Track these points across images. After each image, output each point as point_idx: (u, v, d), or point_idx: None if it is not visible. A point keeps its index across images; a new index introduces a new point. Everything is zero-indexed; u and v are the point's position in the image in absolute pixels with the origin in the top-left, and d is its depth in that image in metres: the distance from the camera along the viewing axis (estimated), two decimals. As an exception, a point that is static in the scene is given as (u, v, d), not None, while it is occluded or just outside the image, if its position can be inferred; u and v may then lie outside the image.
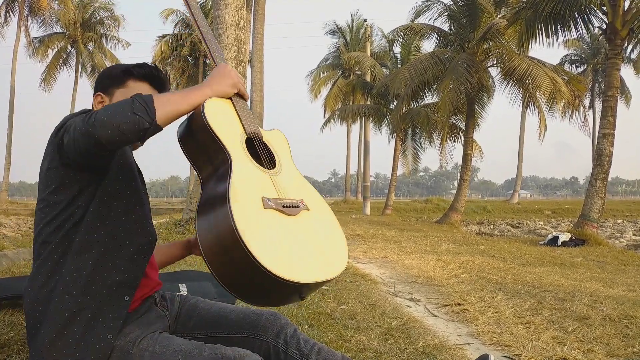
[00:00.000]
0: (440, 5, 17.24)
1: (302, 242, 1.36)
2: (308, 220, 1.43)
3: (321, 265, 1.34)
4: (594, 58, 35.73)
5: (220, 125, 1.42)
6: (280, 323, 1.66)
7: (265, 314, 1.69)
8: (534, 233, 16.71)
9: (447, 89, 15.40)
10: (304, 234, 1.38)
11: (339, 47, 33.85)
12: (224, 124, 1.44)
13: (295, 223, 1.39)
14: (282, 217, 1.37)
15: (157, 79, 1.68)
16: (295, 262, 1.29)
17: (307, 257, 1.33)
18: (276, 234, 1.32)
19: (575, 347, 2.78)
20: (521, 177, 36.87)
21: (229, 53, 7.59)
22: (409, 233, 11.24)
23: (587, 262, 7.32)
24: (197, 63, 33.08)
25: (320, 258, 1.36)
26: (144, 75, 1.65)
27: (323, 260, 1.36)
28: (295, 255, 1.31)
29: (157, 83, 1.68)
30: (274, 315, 1.69)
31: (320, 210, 1.51)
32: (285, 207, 1.39)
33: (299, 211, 1.42)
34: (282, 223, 1.35)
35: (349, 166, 36.96)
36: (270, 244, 1.27)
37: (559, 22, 12.79)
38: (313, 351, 1.63)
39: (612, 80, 12.04)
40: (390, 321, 3.21)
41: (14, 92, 27.86)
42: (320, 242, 1.41)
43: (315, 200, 1.52)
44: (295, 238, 1.35)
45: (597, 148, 12.21)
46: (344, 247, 1.46)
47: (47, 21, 29.19)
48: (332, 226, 1.50)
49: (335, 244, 1.45)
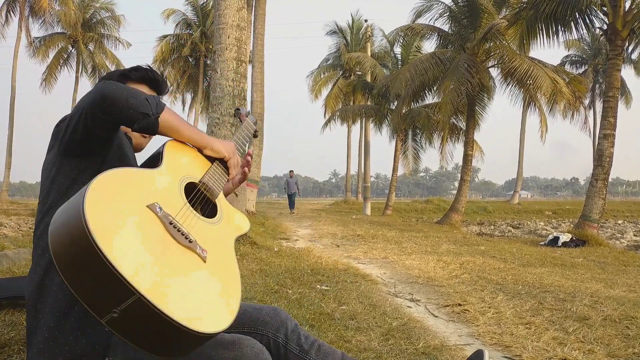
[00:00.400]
0: (441, 6, 17.24)
1: (170, 269, 1.17)
2: (193, 263, 1.24)
3: (177, 302, 1.12)
4: (595, 58, 35.72)
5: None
6: (281, 318, 1.68)
7: (265, 309, 1.70)
8: (534, 234, 16.70)
9: (448, 89, 15.40)
10: (178, 268, 1.19)
11: (340, 47, 33.84)
12: (173, 158, 1.48)
13: (176, 251, 1.22)
14: (164, 233, 1.22)
15: (153, 81, 1.73)
16: (149, 273, 1.12)
17: (165, 279, 1.14)
18: (138, 238, 1.16)
19: (576, 348, 2.78)
20: (522, 178, 36.84)
21: (229, 53, 7.59)
22: (410, 233, 11.24)
23: (587, 263, 7.32)
24: (197, 63, 33.07)
25: (179, 296, 1.14)
26: (141, 78, 1.70)
27: (183, 300, 1.15)
28: (150, 266, 1.14)
29: (154, 84, 1.74)
30: (274, 310, 1.70)
31: (219, 274, 1.29)
32: (172, 225, 1.24)
33: (190, 247, 1.24)
34: (158, 236, 1.21)
35: (349, 166, 36.94)
36: (121, 239, 1.12)
37: (559, 23, 12.80)
38: (313, 347, 1.65)
39: (612, 81, 12.04)
40: (391, 322, 3.21)
41: (15, 93, 27.85)
42: (194, 288, 1.19)
43: (223, 267, 1.32)
44: (163, 259, 1.17)
45: (598, 148, 12.21)
46: (219, 317, 1.19)
47: (47, 21, 29.17)
48: (219, 292, 1.26)
49: (210, 304, 1.21)
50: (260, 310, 1.69)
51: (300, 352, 1.65)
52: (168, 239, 1.23)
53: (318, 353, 1.66)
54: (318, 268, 5.23)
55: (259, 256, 5.80)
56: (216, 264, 1.30)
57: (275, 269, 5.02)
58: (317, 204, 40.02)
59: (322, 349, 1.68)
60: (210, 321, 1.16)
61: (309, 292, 3.91)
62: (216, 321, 1.18)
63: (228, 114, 7.62)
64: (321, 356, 1.66)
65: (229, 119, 7.62)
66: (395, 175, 23.14)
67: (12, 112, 27.76)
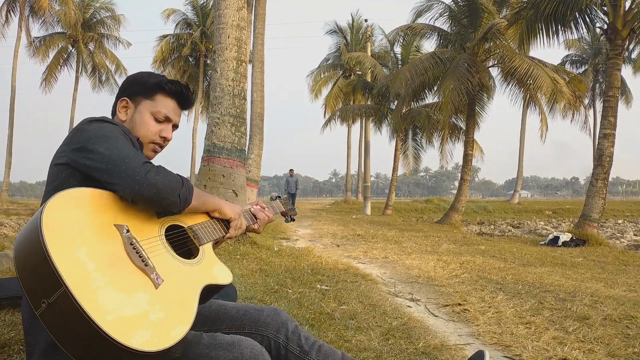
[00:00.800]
0: (441, 6, 17.23)
1: (111, 280, 1.20)
2: (141, 284, 1.26)
3: (118, 315, 1.16)
4: (595, 58, 35.70)
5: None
6: (281, 319, 1.68)
7: (266, 309, 1.71)
8: (534, 233, 16.70)
9: (449, 89, 15.40)
10: (122, 283, 1.22)
11: (340, 47, 33.84)
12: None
13: (126, 269, 1.25)
14: (120, 250, 1.27)
15: (185, 98, 1.73)
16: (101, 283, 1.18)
17: (101, 285, 1.17)
18: (88, 245, 1.22)
19: (576, 348, 2.78)
20: (522, 177, 36.83)
21: (229, 53, 7.58)
22: (410, 233, 11.24)
23: (587, 263, 7.32)
24: (197, 63, 33.07)
25: (111, 305, 1.16)
26: (174, 92, 1.69)
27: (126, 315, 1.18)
28: (90, 269, 1.18)
29: (185, 102, 1.74)
30: (275, 311, 1.71)
31: (168, 304, 1.28)
32: (132, 246, 1.29)
33: (144, 270, 1.27)
34: (113, 250, 1.26)
35: (349, 166, 36.93)
36: (68, 238, 1.19)
37: (559, 22, 12.78)
38: (313, 348, 1.65)
39: (612, 81, 12.03)
40: (391, 321, 3.21)
41: (15, 92, 27.86)
42: (134, 305, 1.20)
43: (176, 300, 1.31)
44: (109, 270, 1.21)
45: (598, 148, 12.20)
46: (151, 339, 1.18)
47: (47, 21, 29.18)
48: (161, 318, 1.24)
49: (146, 325, 1.20)
50: (261, 312, 1.69)
51: (300, 353, 1.65)
52: (122, 256, 1.27)
53: (318, 354, 1.66)
54: (318, 268, 5.23)
55: (259, 256, 5.80)
56: (168, 295, 1.30)
57: (275, 268, 5.02)
58: (317, 204, 40.03)
59: (323, 349, 1.68)
60: (141, 339, 1.16)
61: (309, 292, 3.91)
62: (147, 341, 1.17)
63: (228, 114, 7.62)
64: (321, 357, 1.66)
65: (229, 119, 7.61)
66: (395, 175, 23.13)
67: (12, 112, 27.77)
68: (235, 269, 4.81)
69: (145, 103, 1.66)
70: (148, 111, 1.65)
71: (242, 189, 7.66)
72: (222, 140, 7.53)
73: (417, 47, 23.25)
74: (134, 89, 1.67)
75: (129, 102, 1.66)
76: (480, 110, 18.14)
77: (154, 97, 1.66)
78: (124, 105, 1.66)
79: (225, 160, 7.46)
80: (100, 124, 1.47)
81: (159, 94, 1.67)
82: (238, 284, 3.98)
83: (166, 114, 1.67)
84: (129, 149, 1.40)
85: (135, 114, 1.65)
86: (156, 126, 1.66)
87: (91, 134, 1.42)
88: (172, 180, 1.39)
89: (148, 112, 1.65)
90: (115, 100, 1.70)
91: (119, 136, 1.44)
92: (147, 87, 1.66)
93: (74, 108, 31.84)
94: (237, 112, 7.69)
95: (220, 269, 1.56)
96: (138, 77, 1.69)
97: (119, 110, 1.66)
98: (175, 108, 1.71)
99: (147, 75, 1.70)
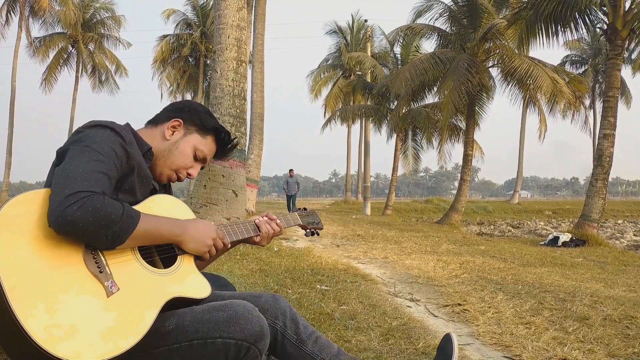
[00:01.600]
0: (440, 6, 17.25)
1: (54, 282, 1.18)
2: (90, 290, 1.22)
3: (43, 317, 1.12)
4: (595, 58, 35.73)
5: None
6: (280, 305, 1.69)
7: (264, 296, 1.72)
8: (534, 233, 16.71)
9: (449, 89, 15.41)
10: (66, 286, 1.19)
11: (340, 47, 33.87)
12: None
13: (77, 273, 1.22)
14: (76, 254, 1.25)
15: (224, 152, 1.78)
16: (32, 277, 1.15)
17: (38, 286, 1.15)
18: (36, 245, 1.20)
19: (576, 348, 2.78)
20: (522, 178, 36.87)
21: (229, 53, 7.59)
22: (410, 233, 11.24)
23: (587, 263, 7.32)
24: (197, 63, 33.09)
25: (43, 306, 1.13)
26: (223, 142, 1.75)
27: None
28: (31, 267, 1.16)
29: (220, 154, 1.79)
30: (274, 297, 1.72)
31: (119, 313, 1.24)
32: (91, 254, 1.27)
33: (97, 277, 1.25)
34: (66, 254, 1.23)
35: (349, 166, 36.97)
36: (14, 233, 1.18)
37: (559, 23, 12.79)
38: (311, 338, 1.68)
39: (612, 81, 12.04)
40: (391, 321, 3.20)
41: (15, 93, 27.87)
42: (74, 310, 1.17)
43: (130, 310, 1.27)
44: (54, 272, 1.19)
45: (598, 148, 12.21)
46: (87, 349, 1.14)
47: (47, 21, 29.22)
48: (108, 327, 1.20)
49: (86, 333, 1.16)
50: (259, 298, 1.69)
51: (297, 342, 1.66)
52: (76, 260, 1.24)
53: (315, 345, 1.68)
54: (318, 268, 5.23)
55: (258, 256, 5.80)
56: (122, 304, 1.25)
57: (275, 268, 5.02)
58: (317, 204, 40.02)
59: (320, 341, 1.70)
60: (72, 348, 1.12)
61: (309, 292, 3.91)
62: (80, 351, 1.13)
63: (228, 114, 7.62)
64: (317, 348, 1.68)
65: (229, 119, 7.62)
66: (395, 175, 23.14)
67: (12, 112, 27.78)
68: (235, 269, 4.82)
69: (196, 137, 1.67)
70: (194, 145, 1.66)
71: (241, 189, 7.66)
72: (222, 141, 7.54)
73: (417, 48, 23.27)
74: (194, 120, 1.68)
75: (183, 126, 1.66)
76: (480, 110, 18.17)
77: (206, 136, 1.69)
78: (174, 125, 1.66)
79: (225, 161, 7.47)
80: (98, 130, 1.42)
81: (210, 136, 1.70)
82: (238, 284, 3.98)
83: (206, 156, 1.70)
84: (89, 170, 1.30)
85: (181, 141, 1.65)
86: (191, 162, 1.68)
87: (81, 137, 1.39)
88: (99, 219, 1.23)
89: (193, 146, 1.66)
90: (164, 113, 1.69)
91: (102, 150, 1.37)
92: (206, 125, 1.69)
93: (74, 108, 31.87)
94: (237, 112, 7.70)
95: (196, 280, 1.48)
96: (200, 110, 1.71)
97: (168, 127, 1.65)
98: (214, 148, 1.74)
99: (209, 115, 1.72)
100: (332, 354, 1.69)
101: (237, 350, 1.38)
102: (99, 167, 1.33)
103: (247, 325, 1.39)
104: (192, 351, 1.38)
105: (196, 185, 7.64)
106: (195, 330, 1.38)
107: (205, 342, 1.37)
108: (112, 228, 1.26)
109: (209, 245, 1.51)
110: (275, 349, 1.68)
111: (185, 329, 1.39)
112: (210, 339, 1.37)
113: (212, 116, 1.72)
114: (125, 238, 1.30)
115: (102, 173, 1.32)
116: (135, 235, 1.32)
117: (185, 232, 1.46)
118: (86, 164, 1.31)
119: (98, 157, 1.34)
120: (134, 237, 1.32)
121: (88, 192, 1.25)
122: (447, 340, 2.00)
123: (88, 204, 1.23)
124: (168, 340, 1.37)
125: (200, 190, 7.42)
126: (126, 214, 1.30)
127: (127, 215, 1.30)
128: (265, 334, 1.44)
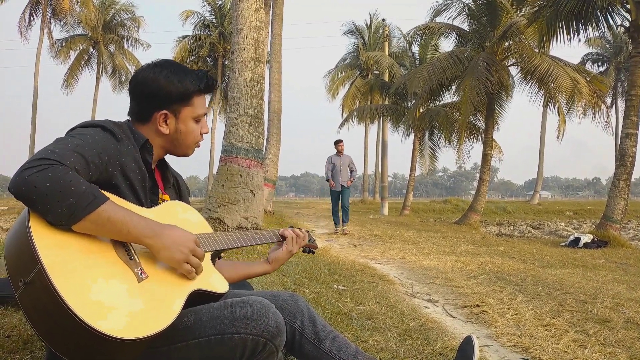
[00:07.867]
0: (459, 4, 17.09)
1: (88, 266, 1.23)
2: (121, 275, 1.27)
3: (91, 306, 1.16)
4: (617, 56, 35.09)
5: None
6: (298, 305, 1.70)
7: (282, 294, 1.72)
8: (555, 234, 16.48)
9: (468, 88, 15.28)
10: (99, 270, 1.24)
11: (357, 47, 33.80)
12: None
13: (108, 259, 1.28)
14: (107, 243, 1.30)
15: (212, 88, 1.65)
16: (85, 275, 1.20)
17: (76, 268, 1.19)
18: (79, 235, 1.25)
19: (597, 351, 2.74)
20: (542, 178, 36.34)
21: (247, 54, 7.62)
22: (427, 234, 11.18)
23: (609, 264, 7.20)
24: (216, 64, 33.31)
25: (82, 286, 1.17)
26: (207, 88, 1.62)
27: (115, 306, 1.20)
28: (67, 252, 1.21)
29: (211, 90, 1.67)
30: (292, 296, 1.72)
31: (147, 299, 1.27)
32: (122, 244, 1.32)
33: (127, 263, 1.30)
34: (99, 242, 1.28)
35: (366, 166, 36.85)
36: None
37: (580, 21, 12.60)
38: (329, 337, 1.68)
39: (635, 79, 11.82)
40: (408, 322, 3.19)
41: (37, 93, 28.38)
42: (108, 291, 1.21)
43: (158, 298, 1.30)
44: (87, 257, 1.24)
45: (620, 148, 12.00)
46: (124, 327, 1.17)
47: (69, 23, 29.67)
48: (137, 310, 1.23)
49: (120, 313, 1.19)
50: (277, 297, 1.70)
51: (315, 340, 1.67)
52: (107, 248, 1.29)
53: (333, 344, 1.68)
54: (335, 268, 5.23)
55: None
56: (151, 291, 1.29)
57: (292, 268, 5.03)
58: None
59: (338, 340, 1.70)
60: (111, 325, 1.15)
61: (326, 292, 3.91)
62: (116, 328, 1.15)
63: (246, 114, 7.66)
64: (335, 347, 1.68)
65: (247, 119, 7.65)
66: (413, 175, 23.02)
67: (35, 112, 28.28)
68: (253, 268, 4.83)
69: (186, 110, 1.58)
70: (190, 118, 1.59)
71: (259, 189, 7.70)
72: (239, 141, 7.58)
73: (435, 47, 23.11)
74: (171, 100, 1.55)
75: (169, 113, 1.56)
76: (499, 109, 17.98)
77: (192, 101, 1.59)
78: (165, 119, 1.57)
79: (243, 160, 7.51)
80: (89, 128, 1.40)
81: (194, 96, 1.59)
82: (255, 283, 4.00)
83: (204, 112, 1.65)
84: (64, 148, 1.26)
85: (179, 125, 1.58)
86: (198, 128, 1.62)
87: (70, 133, 1.38)
88: (56, 186, 1.17)
89: (190, 118, 1.60)
90: (145, 108, 1.57)
91: (85, 139, 1.33)
92: (185, 95, 1.56)
93: (95, 109, 32.35)
94: (254, 112, 7.73)
95: (215, 276, 1.52)
96: (169, 84, 1.54)
97: (160, 124, 1.56)
98: (206, 101, 1.69)
99: (177, 79, 1.55)
100: (350, 353, 1.69)
101: (253, 345, 1.39)
102: (76, 148, 1.28)
103: (264, 321, 1.40)
104: (209, 347, 1.39)
105: (214, 184, 7.70)
106: (212, 325, 1.40)
107: (223, 337, 1.39)
108: (69, 200, 1.18)
109: (181, 256, 1.36)
110: (293, 347, 1.68)
111: (203, 324, 1.41)
112: (227, 334, 1.39)
113: (179, 79, 1.55)
114: (81, 216, 1.21)
115: (78, 153, 1.27)
116: (94, 219, 1.22)
117: (156, 236, 1.33)
118: (64, 144, 1.28)
119: (79, 142, 1.31)
120: (93, 221, 1.23)
121: (54, 161, 1.20)
122: (468, 342, 2.00)
123: (49, 170, 1.17)
124: (187, 336, 1.39)
125: (219, 190, 7.47)
126: (89, 192, 1.22)
127: (90, 193, 1.22)
128: (282, 330, 1.44)
